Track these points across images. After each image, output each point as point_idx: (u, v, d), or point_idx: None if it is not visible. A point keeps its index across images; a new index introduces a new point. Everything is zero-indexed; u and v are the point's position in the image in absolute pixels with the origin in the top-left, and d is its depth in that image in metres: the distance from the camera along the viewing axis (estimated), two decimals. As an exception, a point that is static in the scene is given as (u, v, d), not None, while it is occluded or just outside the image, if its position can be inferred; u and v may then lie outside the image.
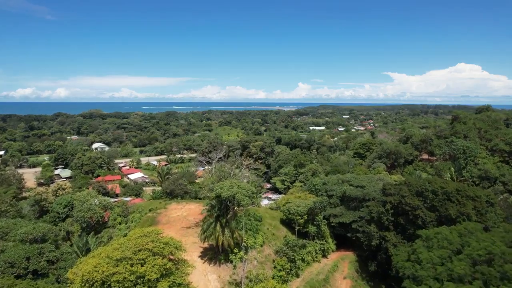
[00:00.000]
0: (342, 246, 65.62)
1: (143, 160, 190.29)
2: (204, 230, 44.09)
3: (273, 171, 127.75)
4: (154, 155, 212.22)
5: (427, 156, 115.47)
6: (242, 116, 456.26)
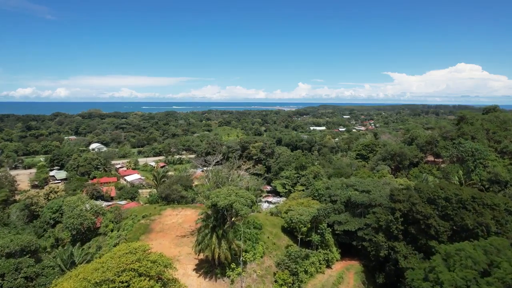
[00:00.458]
0: (346, 254, 61.96)
1: (141, 161, 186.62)
2: (199, 241, 40.49)
3: (273, 173, 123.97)
4: (153, 156, 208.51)
5: (432, 158, 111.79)
6: (242, 116, 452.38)
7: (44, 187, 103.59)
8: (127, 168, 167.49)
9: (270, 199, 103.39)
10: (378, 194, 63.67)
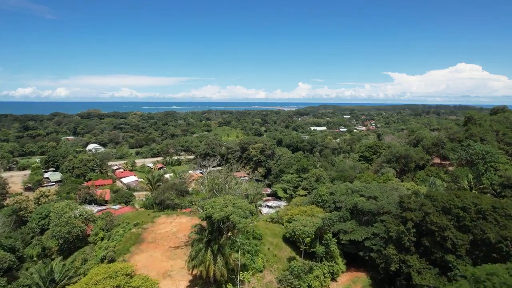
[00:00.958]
0: (352, 265, 57.97)
1: (139, 162, 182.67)
2: (192, 257, 36.57)
3: (274, 176, 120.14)
4: (151, 157, 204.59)
5: (439, 160, 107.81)
6: (242, 116, 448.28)
7: (35, 191, 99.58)
8: (124, 170, 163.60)
9: (270, 203, 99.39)
10: (385, 200, 59.81)
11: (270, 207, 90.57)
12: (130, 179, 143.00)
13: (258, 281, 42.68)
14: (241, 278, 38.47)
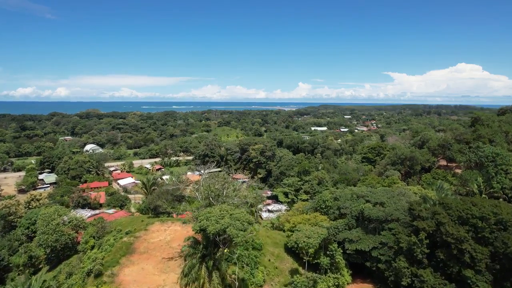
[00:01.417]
0: (358, 275, 54.49)
1: (137, 163, 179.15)
2: (185, 273, 33.08)
3: (274, 178, 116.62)
4: (149, 158, 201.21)
5: (445, 163, 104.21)
6: (242, 116, 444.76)
7: (27, 194, 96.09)
8: (121, 171, 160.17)
9: (271, 206, 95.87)
10: (393, 206, 56.34)
11: (270, 211, 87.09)
12: (127, 181, 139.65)
13: (258, 297, 39.23)
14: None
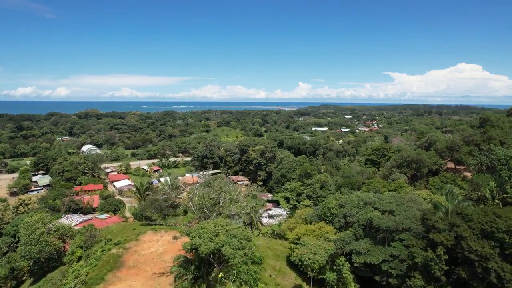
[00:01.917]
0: (366, 289, 50.56)
1: (134, 164, 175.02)
2: (175, 298, 29.09)
3: (275, 180, 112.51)
4: (146, 158, 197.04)
5: (453, 165, 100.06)
6: (242, 116, 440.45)
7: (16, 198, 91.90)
8: (118, 173, 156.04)
9: (272, 211, 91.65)
10: (403, 215, 52.26)
11: (271, 217, 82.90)
12: (123, 183, 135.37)
13: (257, 320, 35.12)
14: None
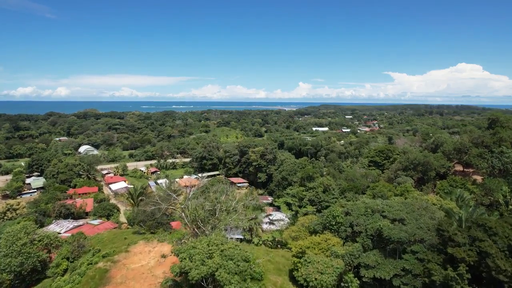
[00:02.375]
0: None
1: (132, 165, 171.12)
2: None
3: (275, 183, 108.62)
4: (144, 160, 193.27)
5: (461, 168, 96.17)
6: (242, 116, 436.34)
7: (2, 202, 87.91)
8: (115, 174, 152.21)
9: (272, 215, 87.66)
10: (415, 224, 48.49)
11: (271, 223, 78.96)
12: (120, 185, 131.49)
13: None
14: None
